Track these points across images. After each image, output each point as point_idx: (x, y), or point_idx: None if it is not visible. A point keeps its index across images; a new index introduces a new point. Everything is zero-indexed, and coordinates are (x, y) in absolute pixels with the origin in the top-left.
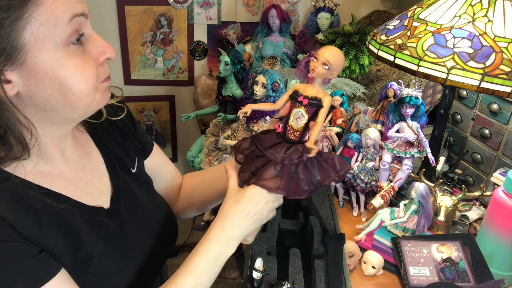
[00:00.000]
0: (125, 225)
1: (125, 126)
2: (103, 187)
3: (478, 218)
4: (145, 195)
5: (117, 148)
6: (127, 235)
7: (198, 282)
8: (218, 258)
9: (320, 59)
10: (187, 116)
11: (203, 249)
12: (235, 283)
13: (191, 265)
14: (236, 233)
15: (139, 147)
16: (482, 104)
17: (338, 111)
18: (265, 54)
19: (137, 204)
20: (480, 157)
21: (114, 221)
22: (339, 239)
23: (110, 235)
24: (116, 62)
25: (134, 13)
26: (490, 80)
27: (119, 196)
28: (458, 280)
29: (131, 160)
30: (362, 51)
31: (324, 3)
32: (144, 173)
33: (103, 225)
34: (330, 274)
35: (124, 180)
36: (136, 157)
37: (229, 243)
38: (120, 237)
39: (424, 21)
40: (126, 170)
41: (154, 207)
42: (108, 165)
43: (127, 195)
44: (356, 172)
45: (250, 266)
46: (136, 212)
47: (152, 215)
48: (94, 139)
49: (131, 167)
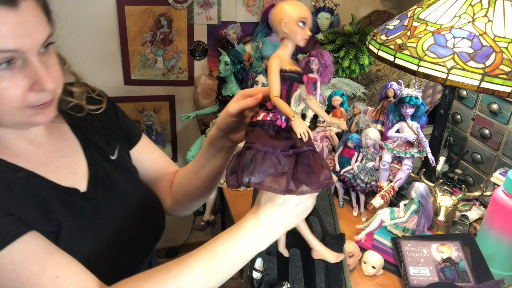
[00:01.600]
0: (101, 209)
1: (107, 117)
2: (78, 170)
3: (478, 218)
4: (126, 182)
5: (96, 136)
6: (102, 219)
7: (216, 269)
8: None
9: (309, 23)
10: (187, 116)
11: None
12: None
13: (212, 248)
14: (274, 230)
15: (121, 136)
16: (482, 104)
17: (338, 111)
18: (265, 54)
19: (116, 190)
20: (480, 157)
21: (89, 203)
22: (339, 239)
23: (84, 216)
24: (116, 62)
25: (134, 13)
26: (490, 80)
27: (96, 180)
28: (458, 280)
29: (111, 147)
30: (362, 51)
31: (324, 3)
32: (127, 161)
33: (77, 205)
34: (330, 274)
35: (102, 165)
36: (117, 145)
37: (262, 240)
38: (94, 219)
39: (424, 21)
40: (105, 157)
41: (135, 194)
42: (86, 151)
43: (105, 180)
44: (356, 172)
45: (250, 266)
46: (114, 197)
47: (132, 202)
48: (73, 128)
49: (111, 154)
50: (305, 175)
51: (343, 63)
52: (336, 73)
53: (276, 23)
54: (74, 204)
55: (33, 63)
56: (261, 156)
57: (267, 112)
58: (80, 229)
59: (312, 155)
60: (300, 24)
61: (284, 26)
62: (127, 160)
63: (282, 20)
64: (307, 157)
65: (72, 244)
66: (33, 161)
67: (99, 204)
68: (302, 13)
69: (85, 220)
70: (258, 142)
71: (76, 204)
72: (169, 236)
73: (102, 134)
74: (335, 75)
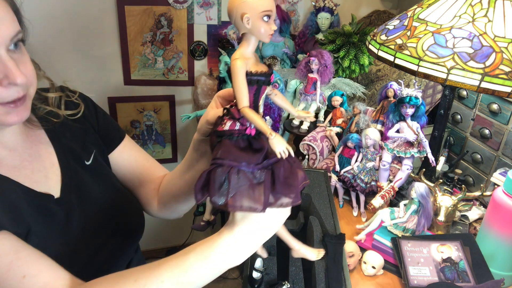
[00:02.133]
0: (74, 215)
1: (85, 120)
2: (52, 175)
3: (478, 218)
4: (100, 187)
5: (72, 141)
6: (73, 225)
7: (186, 282)
8: (220, 267)
9: (273, 15)
10: (187, 116)
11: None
12: (235, 283)
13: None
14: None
15: (99, 140)
16: (482, 104)
17: (338, 111)
18: (265, 54)
19: (89, 195)
20: (480, 157)
21: (62, 209)
22: (339, 239)
23: (55, 221)
24: (116, 62)
25: (134, 13)
26: (490, 80)
27: (69, 186)
28: (458, 280)
29: (87, 152)
30: (362, 51)
31: (324, 3)
32: (103, 166)
33: (49, 211)
34: (330, 274)
35: (76, 171)
36: (94, 150)
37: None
38: (65, 225)
39: (424, 21)
40: (79, 162)
41: (109, 200)
42: (60, 156)
43: (78, 186)
44: (356, 172)
45: (250, 266)
46: (87, 203)
47: (105, 207)
48: (48, 132)
49: (86, 159)
50: (283, 186)
51: (343, 63)
52: (336, 73)
53: (236, 18)
54: (46, 210)
55: (1, 57)
56: (235, 173)
57: (234, 120)
58: (51, 233)
59: (287, 162)
60: (265, 18)
61: (246, 21)
62: (103, 165)
63: (244, 15)
64: (282, 165)
65: (41, 247)
66: (6, 166)
67: (72, 209)
68: (266, 6)
69: (56, 225)
70: (229, 158)
71: (48, 210)
72: (169, 236)
73: (79, 138)
74: (335, 75)
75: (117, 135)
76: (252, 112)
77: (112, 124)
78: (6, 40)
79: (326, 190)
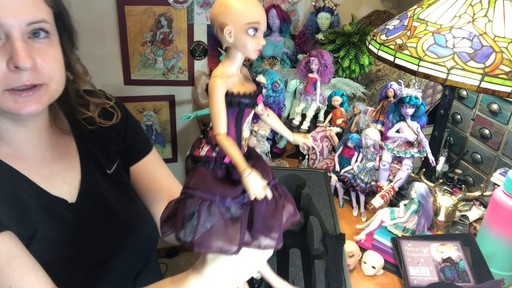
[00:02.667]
0: (86, 222)
1: (115, 129)
2: (70, 179)
3: (478, 218)
4: (117, 198)
5: (97, 147)
6: (84, 232)
7: None
8: None
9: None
10: (187, 116)
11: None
12: None
13: None
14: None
15: (124, 150)
16: (482, 104)
17: (338, 111)
18: (265, 54)
19: (105, 205)
20: (480, 157)
21: (75, 215)
22: (339, 239)
23: (64, 226)
24: (116, 62)
25: (134, 13)
26: (490, 80)
27: (86, 193)
28: (458, 280)
29: (110, 161)
30: (362, 51)
31: (324, 3)
32: (124, 176)
33: (60, 215)
34: (330, 274)
35: (96, 179)
36: (117, 160)
37: None
38: (76, 231)
39: (424, 21)
40: (100, 170)
41: (125, 212)
42: (82, 162)
43: (96, 194)
44: (356, 172)
45: None
46: (102, 212)
47: (120, 219)
48: (76, 136)
49: (108, 168)
50: (263, 225)
51: (343, 63)
52: (336, 73)
53: (217, 29)
54: (57, 214)
55: (12, 38)
56: (206, 207)
57: (211, 146)
58: (58, 237)
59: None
60: (250, 31)
61: (228, 34)
62: (124, 176)
63: (225, 26)
64: (264, 201)
65: (45, 251)
66: (27, 163)
67: (85, 217)
68: (252, 16)
69: (65, 230)
70: (202, 188)
71: (59, 214)
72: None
73: (104, 145)
74: (335, 75)
75: (143, 148)
76: (227, 141)
77: (140, 135)
78: (21, 23)
79: (326, 190)
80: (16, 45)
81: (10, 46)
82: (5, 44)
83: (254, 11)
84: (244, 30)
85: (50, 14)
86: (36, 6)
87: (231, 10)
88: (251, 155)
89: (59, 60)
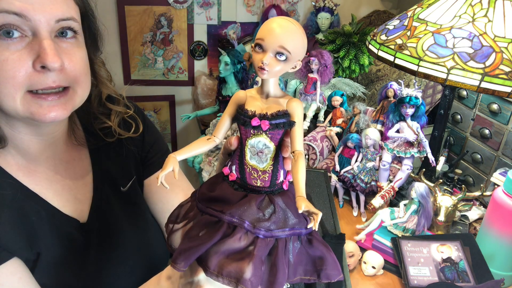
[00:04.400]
0: (95, 243)
1: (132, 140)
2: (82, 196)
3: (478, 218)
4: (129, 218)
5: (113, 163)
6: (93, 253)
7: None
8: None
9: (268, 46)
10: (187, 116)
11: None
12: None
13: None
14: None
15: (139, 165)
16: (482, 104)
17: (338, 111)
18: None
19: (116, 225)
20: (480, 157)
21: (84, 235)
22: (339, 239)
23: (73, 249)
24: (116, 62)
25: (134, 13)
26: (490, 80)
27: (98, 212)
28: (458, 280)
29: (125, 178)
30: (362, 51)
31: (324, 3)
32: (138, 194)
33: (70, 237)
34: None
35: (108, 197)
36: (134, 176)
37: None
38: (84, 253)
39: (424, 21)
40: (114, 188)
41: (137, 233)
42: (95, 179)
43: (107, 213)
44: (356, 172)
45: None
46: (112, 233)
47: (131, 240)
48: (91, 149)
49: (122, 185)
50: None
51: (343, 63)
52: (336, 73)
53: (304, 48)
54: (67, 235)
55: (40, 35)
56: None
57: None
58: (65, 260)
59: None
60: (256, 48)
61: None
62: (139, 194)
63: None
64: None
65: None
66: (39, 177)
67: (94, 237)
68: (259, 33)
69: (72, 252)
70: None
71: (69, 235)
72: None
73: (120, 160)
74: (335, 75)
75: (159, 160)
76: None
77: (158, 146)
78: (50, 19)
79: (326, 190)
80: (44, 44)
81: (38, 44)
82: (31, 42)
83: (263, 29)
84: (254, 45)
85: (78, 13)
86: (66, 3)
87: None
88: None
89: (86, 63)
